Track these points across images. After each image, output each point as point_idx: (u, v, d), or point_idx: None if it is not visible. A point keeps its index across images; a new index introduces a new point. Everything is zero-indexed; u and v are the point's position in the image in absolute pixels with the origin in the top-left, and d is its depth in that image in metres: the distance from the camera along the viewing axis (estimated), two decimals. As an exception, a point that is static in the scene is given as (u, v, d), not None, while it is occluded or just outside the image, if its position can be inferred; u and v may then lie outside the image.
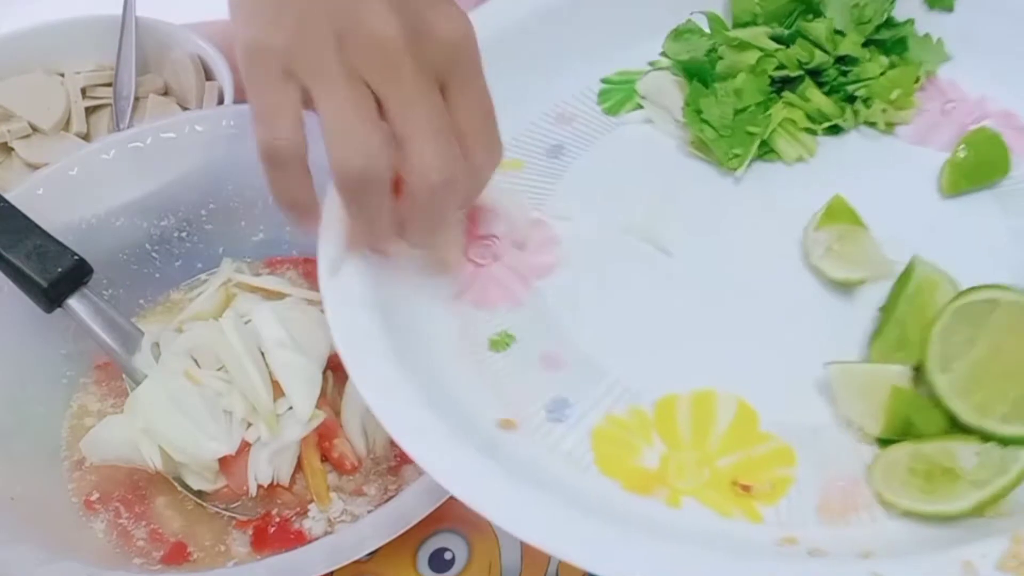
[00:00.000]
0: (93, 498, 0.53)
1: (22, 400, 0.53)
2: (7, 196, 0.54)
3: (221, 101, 0.71)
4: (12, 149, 0.71)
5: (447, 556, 0.54)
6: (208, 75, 0.74)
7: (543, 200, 0.50)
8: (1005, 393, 0.37)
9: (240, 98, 0.66)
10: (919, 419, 0.38)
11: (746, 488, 0.38)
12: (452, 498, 0.45)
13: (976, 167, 0.48)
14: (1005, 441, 0.36)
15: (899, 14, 0.54)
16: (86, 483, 0.54)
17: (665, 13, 0.56)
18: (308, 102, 0.42)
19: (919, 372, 0.39)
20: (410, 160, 0.41)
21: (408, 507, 0.45)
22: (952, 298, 0.39)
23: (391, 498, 0.51)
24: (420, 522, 0.44)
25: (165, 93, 0.75)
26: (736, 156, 0.49)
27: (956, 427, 0.38)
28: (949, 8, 0.53)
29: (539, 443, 0.40)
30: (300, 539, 0.51)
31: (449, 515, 0.55)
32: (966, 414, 0.37)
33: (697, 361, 0.43)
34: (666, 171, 0.51)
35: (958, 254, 0.43)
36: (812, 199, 0.47)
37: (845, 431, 0.40)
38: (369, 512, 0.51)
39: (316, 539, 0.50)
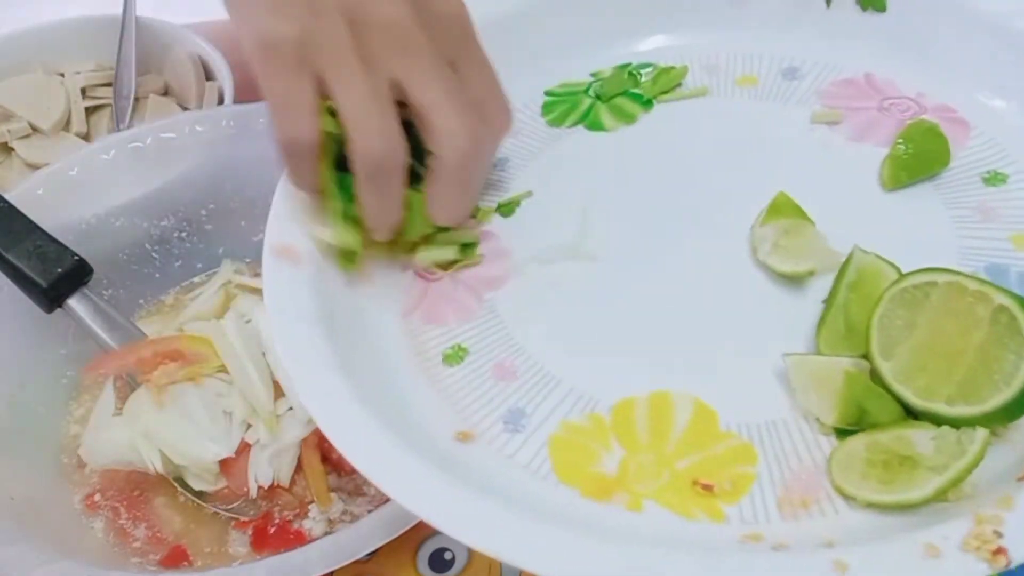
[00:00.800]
0: (93, 498, 0.53)
1: (22, 400, 0.53)
2: (7, 196, 0.54)
3: (221, 101, 0.71)
4: (12, 149, 0.71)
5: (447, 556, 0.54)
6: (208, 75, 0.74)
7: (486, 214, 0.50)
8: (949, 375, 0.37)
9: (241, 98, 0.66)
10: (872, 407, 0.37)
11: (707, 488, 0.38)
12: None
13: (916, 160, 0.48)
14: (956, 423, 0.36)
15: (832, 16, 0.55)
16: (86, 483, 0.54)
17: (607, 23, 0.57)
18: (322, 90, 0.42)
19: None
20: (438, 132, 0.42)
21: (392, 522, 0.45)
22: (889, 284, 0.39)
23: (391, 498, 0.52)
24: (420, 522, 0.44)
25: (165, 93, 0.75)
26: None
27: (909, 413, 0.38)
28: (882, 9, 0.54)
29: (497, 454, 0.40)
30: (300, 539, 0.51)
31: (449, 515, 0.55)
32: (913, 399, 0.37)
33: (652, 364, 0.42)
34: (608, 180, 0.51)
35: (903, 246, 0.43)
36: (755, 197, 0.47)
37: (803, 424, 0.39)
38: (369, 512, 0.51)
39: (316, 539, 0.50)
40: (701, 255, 0.46)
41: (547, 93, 0.56)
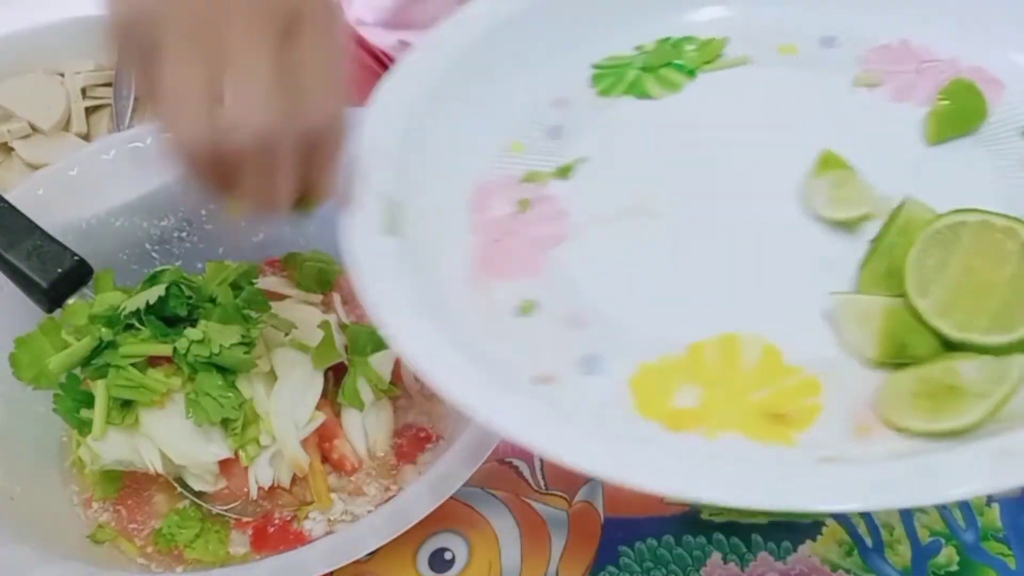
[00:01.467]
0: (93, 498, 0.53)
1: (22, 400, 0.53)
2: (7, 196, 0.54)
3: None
4: (12, 149, 0.71)
5: (447, 556, 0.54)
6: (208, 75, 0.74)
7: (544, 178, 0.53)
8: (983, 308, 0.39)
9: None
10: (911, 340, 0.40)
11: (779, 417, 0.41)
12: (452, 498, 0.45)
13: (957, 114, 0.51)
14: (994, 352, 0.38)
15: None
16: (86, 483, 0.54)
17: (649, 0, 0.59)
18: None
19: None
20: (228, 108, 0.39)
21: (408, 507, 0.45)
22: (922, 224, 0.42)
23: (391, 498, 0.52)
24: (420, 522, 0.44)
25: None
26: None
27: (947, 346, 0.40)
28: None
29: (575, 392, 0.43)
30: (300, 539, 0.51)
31: (449, 515, 0.55)
32: (951, 332, 0.39)
33: (717, 309, 0.45)
34: (659, 144, 0.54)
35: (948, 195, 0.45)
36: (802, 155, 0.50)
37: (852, 359, 0.42)
38: (369, 512, 0.51)
39: (316, 539, 0.50)
40: (754, 208, 0.49)
41: (595, 66, 0.58)
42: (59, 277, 0.51)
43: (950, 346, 0.40)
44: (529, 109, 0.55)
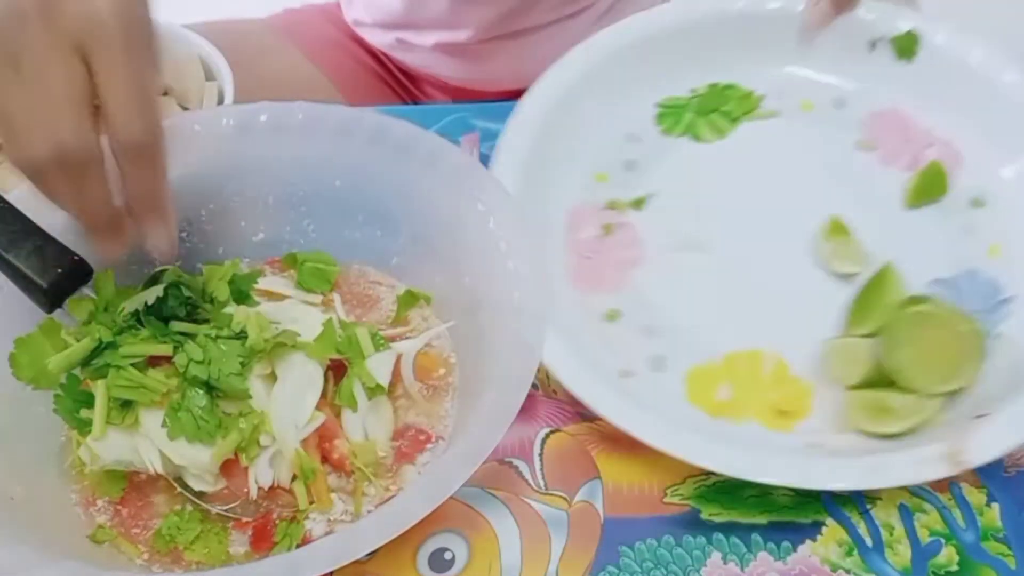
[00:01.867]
0: (93, 498, 0.53)
1: (23, 400, 0.53)
2: (7, 196, 0.54)
3: (221, 101, 0.71)
4: (12, 149, 0.71)
5: (447, 556, 0.54)
6: (208, 75, 0.74)
7: (623, 207, 0.69)
8: (934, 369, 0.57)
9: (241, 98, 0.66)
10: (874, 379, 0.58)
11: (784, 412, 0.59)
12: (452, 498, 0.46)
13: (926, 189, 0.68)
14: (931, 396, 0.56)
15: (873, 59, 0.73)
16: (86, 483, 0.54)
17: (701, 53, 0.74)
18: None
19: (877, 344, 0.59)
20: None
21: (408, 507, 0.45)
22: (903, 304, 0.59)
23: (391, 498, 0.52)
24: (420, 522, 0.44)
25: (165, 93, 0.75)
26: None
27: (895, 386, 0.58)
28: (910, 59, 0.72)
29: (649, 385, 0.60)
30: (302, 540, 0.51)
31: (449, 515, 0.55)
32: (908, 381, 0.57)
33: (748, 329, 0.62)
34: (710, 185, 0.70)
35: (914, 251, 0.64)
36: (815, 209, 0.67)
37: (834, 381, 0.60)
38: (369, 512, 0.51)
39: (316, 539, 0.50)
40: (779, 252, 0.66)
41: (658, 105, 0.74)
42: (59, 277, 0.51)
43: (904, 388, 0.57)
44: (608, 143, 0.72)
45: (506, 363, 0.50)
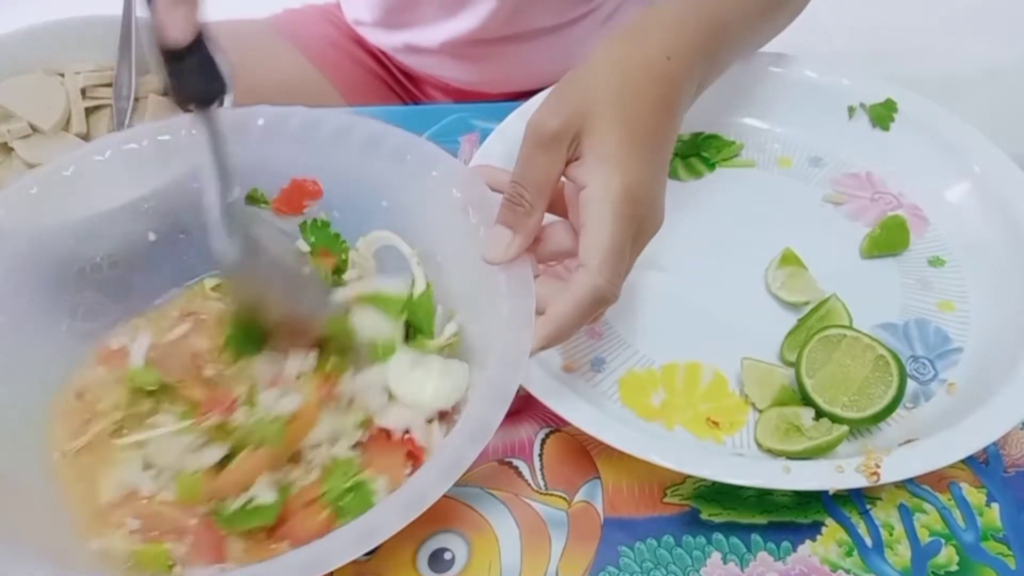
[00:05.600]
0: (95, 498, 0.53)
1: (23, 400, 0.53)
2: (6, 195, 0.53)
3: (221, 102, 0.70)
4: (12, 149, 0.71)
5: (447, 556, 0.54)
6: (208, 75, 0.74)
7: None
8: (845, 392, 0.59)
9: (241, 99, 0.66)
10: (787, 400, 0.61)
11: (715, 423, 0.60)
12: (452, 498, 0.46)
13: (886, 241, 0.70)
14: (846, 422, 0.58)
15: (851, 126, 0.77)
16: (78, 483, 0.54)
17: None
18: None
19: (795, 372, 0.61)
20: None
21: (421, 490, 0.44)
22: (816, 330, 0.62)
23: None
24: (420, 522, 0.44)
25: (165, 93, 0.75)
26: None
27: (818, 412, 0.60)
28: (886, 128, 0.76)
29: (586, 383, 0.62)
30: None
31: (449, 515, 0.55)
32: (822, 404, 0.59)
33: (691, 342, 0.64)
34: (680, 218, 0.69)
35: (866, 297, 0.66)
36: (774, 245, 0.70)
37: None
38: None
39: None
40: (733, 278, 0.68)
41: None
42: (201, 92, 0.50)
43: (819, 412, 0.59)
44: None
45: (502, 341, 0.51)
